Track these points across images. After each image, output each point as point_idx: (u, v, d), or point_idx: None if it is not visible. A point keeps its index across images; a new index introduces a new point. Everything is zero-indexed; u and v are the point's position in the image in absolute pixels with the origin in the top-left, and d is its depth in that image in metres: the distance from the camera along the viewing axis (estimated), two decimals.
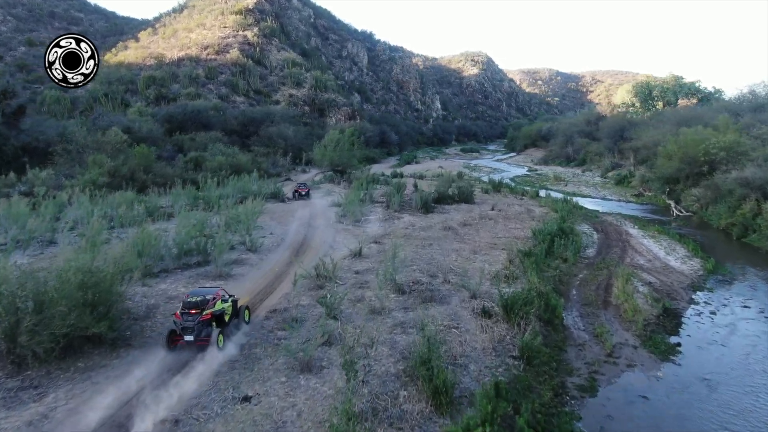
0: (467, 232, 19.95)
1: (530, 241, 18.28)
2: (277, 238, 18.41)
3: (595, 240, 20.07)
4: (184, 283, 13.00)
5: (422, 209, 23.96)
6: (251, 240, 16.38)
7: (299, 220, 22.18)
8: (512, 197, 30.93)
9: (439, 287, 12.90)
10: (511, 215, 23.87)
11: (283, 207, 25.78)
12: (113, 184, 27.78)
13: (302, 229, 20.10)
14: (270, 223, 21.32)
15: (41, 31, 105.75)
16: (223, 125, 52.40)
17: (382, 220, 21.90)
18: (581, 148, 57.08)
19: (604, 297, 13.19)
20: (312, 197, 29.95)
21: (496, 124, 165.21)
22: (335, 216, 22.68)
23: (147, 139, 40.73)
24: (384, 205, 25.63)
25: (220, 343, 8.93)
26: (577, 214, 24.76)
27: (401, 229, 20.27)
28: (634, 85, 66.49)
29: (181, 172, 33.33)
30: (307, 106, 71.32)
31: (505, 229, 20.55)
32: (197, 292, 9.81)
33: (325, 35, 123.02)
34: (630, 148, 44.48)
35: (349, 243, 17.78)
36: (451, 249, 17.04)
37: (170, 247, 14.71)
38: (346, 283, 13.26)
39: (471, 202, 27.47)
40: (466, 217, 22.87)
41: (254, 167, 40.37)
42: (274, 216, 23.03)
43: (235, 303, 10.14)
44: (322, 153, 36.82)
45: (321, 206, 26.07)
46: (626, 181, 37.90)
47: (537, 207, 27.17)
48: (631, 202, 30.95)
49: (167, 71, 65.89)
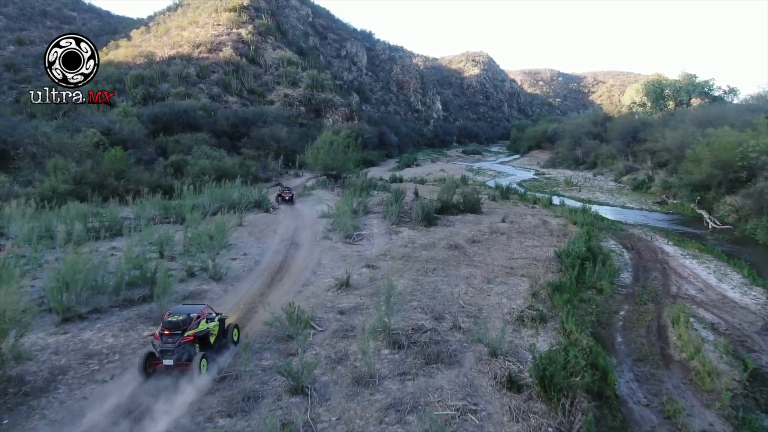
0: (477, 251, 16.94)
1: (553, 264, 15.31)
2: (251, 260, 15.41)
3: (627, 260, 17.06)
4: (117, 330, 10.01)
5: (424, 221, 20.96)
6: (215, 266, 13.36)
7: (281, 235, 19.18)
8: (523, 205, 27.93)
9: (447, 336, 9.90)
10: (525, 228, 20.86)
11: (266, 219, 22.78)
12: (78, 193, 24.86)
13: (283, 248, 17.10)
14: (247, 239, 18.33)
15: (32, 30, 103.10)
16: (213, 126, 49.41)
17: (377, 236, 18.88)
18: (591, 151, 54.08)
19: (660, 347, 10.18)
20: (300, 205, 27.05)
21: (498, 125, 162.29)
22: (324, 230, 19.69)
23: (127, 141, 37.90)
24: (381, 216, 22.65)
25: (202, 368, 8.02)
26: (599, 227, 21.75)
27: (399, 247, 17.26)
28: (645, 84, 63.49)
29: (158, 177, 30.35)
30: (303, 107, 68.29)
31: (520, 248, 17.54)
32: (180, 309, 8.83)
33: (324, 34, 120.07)
34: (645, 151, 41.50)
35: (337, 266, 14.83)
36: (460, 275, 14.04)
37: (113, 276, 11.76)
38: (327, 328, 10.26)
39: (478, 211, 24.47)
40: (474, 232, 19.87)
41: (242, 171, 37.55)
42: (254, 230, 20.05)
43: (223, 322, 9.26)
44: (315, 156, 33.80)
45: (309, 217, 23.08)
46: (645, 186, 34.91)
47: (552, 217, 24.20)
48: (655, 211, 27.91)
49: (156, 70, 62.92)
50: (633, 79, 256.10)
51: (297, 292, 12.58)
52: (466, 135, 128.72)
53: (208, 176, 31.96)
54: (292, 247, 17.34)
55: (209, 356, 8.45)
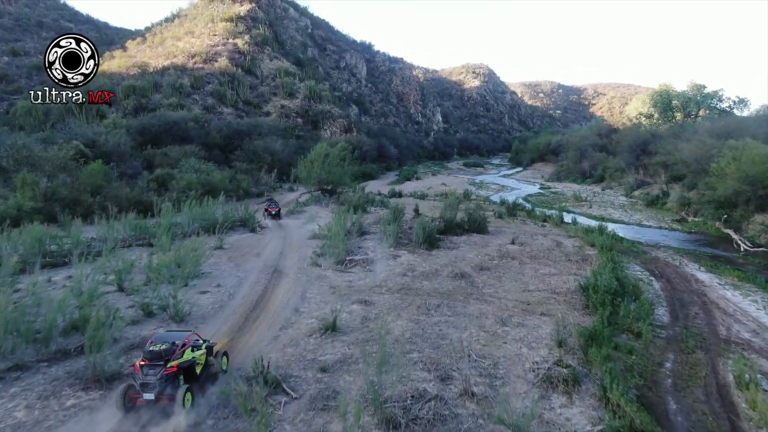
0: (486, 281, 14.76)
1: (576, 299, 13.13)
2: (225, 294, 13.23)
3: (657, 291, 14.88)
4: (34, 398, 7.83)
5: (425, 244, 18.81)
6: (176, 304, 11.17)
7: (265, 260, 17.03)
8: (532, 224, 25.80)
9: (457, 407, 7.70)
10: (538, 252, 18.68)
11: (251, 240, 20.63)
12: (47, 211, 22.77)
13: (264, 277, 14.94)
14: (225, 266, 16.16)
15: (27, 41, 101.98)
16: (205, 138, 47.50)
17: (373, 262, 16.71)
18: (598, 164, 52.05)
19: (728, 418, 7.98)
20: (290, 222, 25.05)
21: (499, 137, 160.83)
22: (313, 254, 17.53)
23: (112, 154, 35.94)
24: (377, 237, 20.50)
25: (187, 403, 7.22)
26: (619, 249, 19.59)
27: (397, 276, 15.08)
28: (652, 94, 61.70)
29: (139, 193, 28.26)
30: (300, 118, 66.50)
31: (536, 276, 15.36)
32: (163, 337, 8.08)
33: (323, 46, 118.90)
34: (657, 164, 39.45)
35: (324, 301, 12.69)
36: (468, 314, 11.85)
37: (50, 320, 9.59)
38: (303, 394, 8.06)
39: (484, 231, 22.33)
40: (482, 256, 17.71)
41: (233, 186, 35.53)
42: (234, 254, 17.90)
43: (210, 349, 8.58)
44: (308, 170, 31.77)
45: (298, 238, 20.95)
46: (659, 202, 32.78)
47: (565, 238, 22.06)
48: (676, 230, 25.75)
49: (149, 80, 61.19)
50: (633, 91, 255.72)
51: (273, 338, 10.41)
52: (467, 147, 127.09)
53: (194, 191, 29.98)
54: (275, 275, 15.18)
55: (195, 389, 7.68)
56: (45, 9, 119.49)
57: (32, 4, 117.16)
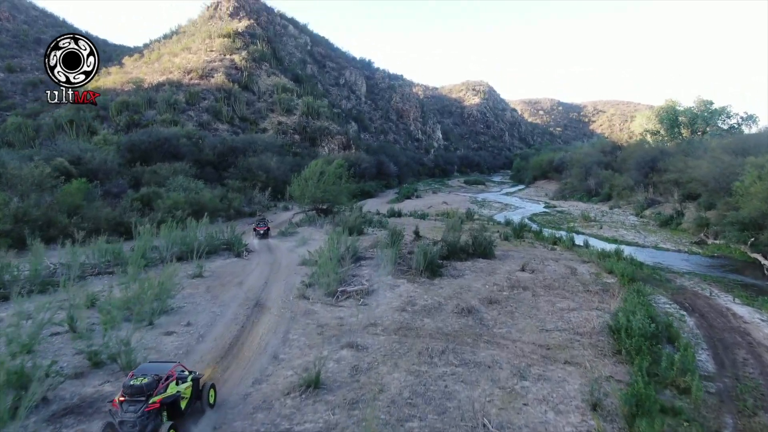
0: (497, 318, 12.88)
1: (603, 340, 11.26)
2: (194, 335, 11.36)
3: (692, 329, 12.99)
4: None
5: (426, 272, 16.97)
6: (129, 352, 9.29)
7: (247, 291, 15.18)
8: (541, 247, 23.97)
9: None
10: (552, 280, 16.83)
11: (235, 266, 18.80)
12: (15, 234, 20.98)
13: (243, 312, 13.08)
14: (201, 298, 14.31)
15: (24, 57, 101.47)
16: (198, 155, 45.94)
17: (367, 293, 14.84)
18: (604, 181, 50.38)
19: None
20: (281, 244, 23.30)
21: (499, 155, 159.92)
22: (301, 284, 15.68)
23: (98, 172, 34.36)
24: (374, 263, 18.66)
25: None
26: (640, 276, 17.72)
27: (395, 311, 13.21)
28: (658, 110, 60.31)
29: (120, 213, 26.48)
30: (298, 135, 65.11)
31: (553, 311, 13.48)
32: (145, 369, 7.45)
33: (322, 63, 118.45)
34: (668, 182, 37.78)
35: (309, 344, 10.85)
36: (479, 363, 9.97)
37: None
38: None
39: (491, 256, 20.50)
40: (490, 286, 15.85)
41: (224, 205, 33.82)
42: (214, 283, 16.06)
43: (197, 382, 7.90)
44: (302, 188, 30.04)
45: (287, 264, 19.13)
46: (674, 222, 30.97)
47: (579, 263, 20.22)
48: (696, 254, 23.89)
49: (143, 96, 59.90)
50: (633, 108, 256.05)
51: (242, 398, 8.53)
52: (468, 164, 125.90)
53: (181, 211, 28.28)
54: (256, 310, 13.32)
55: (179, 426, 7.18)
56: (44, 26, 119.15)
57: (31, 21, 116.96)
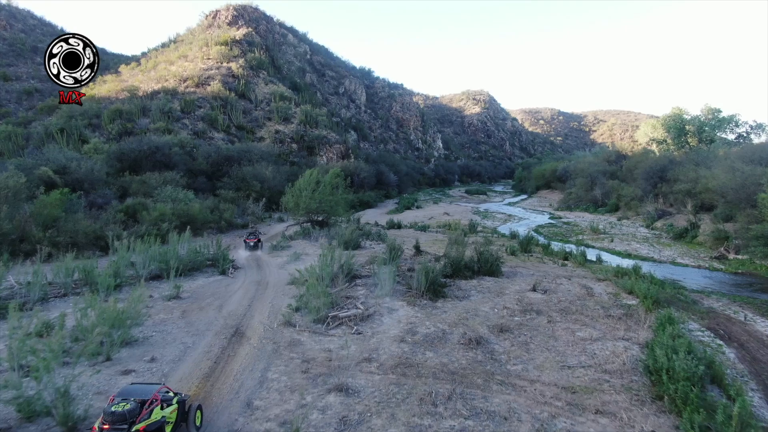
0: (510, 350, 11.19)
1: (637, 382, 9.57)
2: (155, 376, 9.65)
3: (733, 362, 11.29)
4: None
5: (428, 293, 15.30)
6: (65, 403, 7.58)
7: (227, 316, 13.50)
8: (551, 263, 22.31)
9: None
10: (568, 302, 15.15)
11: (217, 286, 17.13)
12: None
13: (219, 343, 11.40)
14: (174, 324, 12.64)
15: (20, 65, 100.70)
16: (191, 164, 44.43)
17: (360, 320, 13.15)
18: (611, 191, 48.77)
19: None
20: (271, 260, 21.68)
21: (500, 164, 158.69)
22: (288, 307, 14.00)
23: (84, 182, 32.81)
24: (371, 282, 16.99)
25: None
26: (664, 297, 16.03)
27: (393, 342, 11.52)
28: (664, 118, 58.83)
29: (102, 226, 24.87)
30: (295, 144, 63.64)
31: (573, 342, 11.78)
32: (127, 392, 7.04)
33: (322, 71, 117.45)
34: (680, 192, 36.18)
35: (290, 386, 9.17)
36: (492, 413, 8.27)
37: None
38: None
39: (498, 273, 18.84)
40: (500, 310, 14.17)
41: (215, 217, 32.22)
42: (191, 306, 14.39)
43: (183, 404, 7.49)
44: (296, 199, 28.43)
45: (275, 283, 17.47)
46: (688, 235, 29.30)
47: (594, 281, 18.56)
48: (718, 270, 22.18)
49: (137, 104, 58.51)
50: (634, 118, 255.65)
51: None
52: (468, 174, 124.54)
53: (167, 224, 26.72)
54: (234, 340, 11.64)
55: None
56: (41, 34, 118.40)
57: (28, 30, 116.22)
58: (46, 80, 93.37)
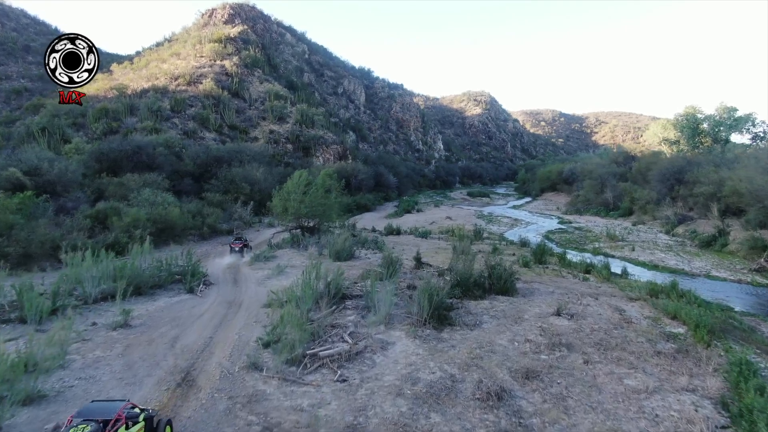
0: (542, 408, 8.41)
1: None
2: None
3: None
4: None
5: (432, 320, 12.54)
6: None
7: (177, 355, 10.70)
8: (570, 276, 19.58)
9: None
10: (603, 332, 12.37)
11: (181, 308, 14.37)
12: None
13: (155, 398, 8.64)
14: (107, 368, 9.87)
15: (10, 64, 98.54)
16: (177, 165, 41.72)
17: (346, 360, 10.39)
18: (623, 194, 46.02)
19: None
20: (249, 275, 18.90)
21: (502, 165, 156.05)
22: (258, 340, 11.25)
23: (56, 184, 30.12)
24: (363, 303, 14.24)
25: None
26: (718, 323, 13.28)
27: (387, 395, 8.77)
28: (676, 118, 56.11)
29: (63, 234, 22.16)
30: (290, 144, 60.95)
31: (622, 393, 9.02)
32: (88, 411, 6.44)
33: (320, 71, 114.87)
34: (702, 195, 33.44)
35: None
36: None
37: None
38: None
39: (512, 292, 16.09)
40: (521, 343, 11.41)
41: (197, 222, 29.51)
42: (140, 338, 11.62)
43: (150, 420, 6.91)
44: (284, 202, 25.71)
45: (249, 304, 14.72)
46: (717, 243, 26.56)
47: (624, 300, 15.87)
48: (762, 286, 19.45)
49: (124, 103, 55.85)
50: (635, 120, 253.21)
51: None
52: (470, 176, 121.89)
53: (141, 230, 24.03)
54: (177, 393, 8.88)
55: None
56: (34, 33, 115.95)
57: (21, 29, 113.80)
58: (37, 80, 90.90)
